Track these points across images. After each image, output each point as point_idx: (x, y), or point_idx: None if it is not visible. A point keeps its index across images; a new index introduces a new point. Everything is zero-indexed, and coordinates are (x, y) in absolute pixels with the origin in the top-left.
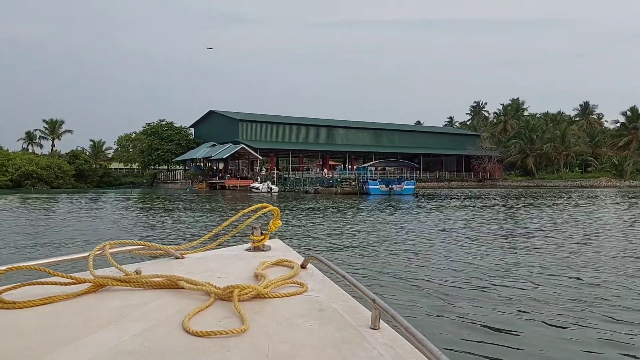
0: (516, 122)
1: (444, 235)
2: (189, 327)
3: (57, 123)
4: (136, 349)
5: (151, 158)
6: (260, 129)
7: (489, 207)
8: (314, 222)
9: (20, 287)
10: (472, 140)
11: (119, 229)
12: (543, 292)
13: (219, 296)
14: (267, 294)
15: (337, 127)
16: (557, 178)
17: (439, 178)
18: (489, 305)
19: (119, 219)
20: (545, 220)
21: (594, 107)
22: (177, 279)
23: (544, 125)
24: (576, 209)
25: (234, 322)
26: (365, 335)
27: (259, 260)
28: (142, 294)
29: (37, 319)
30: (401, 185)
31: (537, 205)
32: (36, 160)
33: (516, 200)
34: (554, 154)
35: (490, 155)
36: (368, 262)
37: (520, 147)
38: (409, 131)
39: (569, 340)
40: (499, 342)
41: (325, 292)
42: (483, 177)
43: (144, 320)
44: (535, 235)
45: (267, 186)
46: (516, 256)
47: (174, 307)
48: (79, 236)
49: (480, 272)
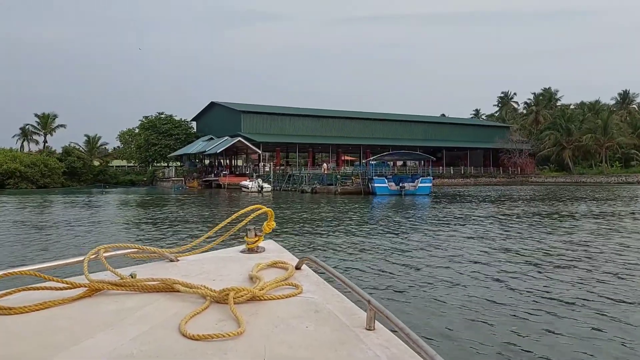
0: (549, 112)
1: (452, 274)
2: (185, 330)
3: (50, 117)
4: (134, 353)
5: (148, 154)
6: (264, 121)
7: (523, 218)
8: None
9: (16, 292)
10: (501, 132)
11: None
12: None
13: (214, 299)
14: (263, 296)
15: (351, 118)
16: (598, 173)
17: (464, 174)
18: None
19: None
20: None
21: (635, 96)
22: (173, 282)
23: (581, 115)
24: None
25: (231, 325)
26: (361, 336)
27: (254, 262)
28: (138, 298)
29: (33, 324)
30: (414, 183)
31: (585, 215)
32: (20, 157)
33: (556, 205)
34: (594, 147)
35: (521, 149)
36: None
37: (555, 139)
38: (431, 122)
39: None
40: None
41: (320, 293)
42: (513, 173)
43: (141, 324)
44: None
45: (257, 185)
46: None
47: (170, 311)
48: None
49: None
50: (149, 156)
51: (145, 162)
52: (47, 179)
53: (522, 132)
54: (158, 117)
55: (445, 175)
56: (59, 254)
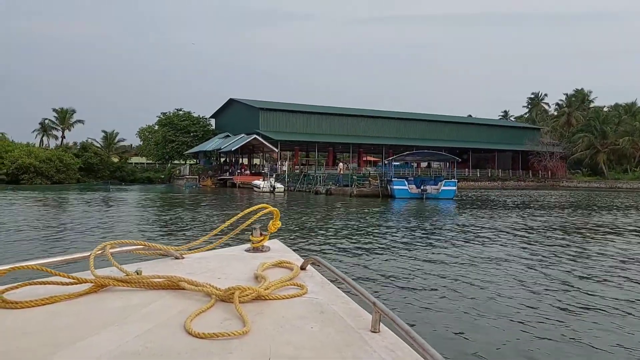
0: (582, 114)
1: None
2: (190, 328)
3: (68, 112)
4: (138, 350)
5: (165, 151)
6: (283, 119)
7: (558, 230)
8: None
9: (23, 286)
10: (531, 134)
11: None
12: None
13: (220, 297)
14: (268, 296)
15: (374, 117)
16: (634, 178)
17: (491, 176)
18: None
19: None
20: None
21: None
22: (178, 280)
23: (616, 117)
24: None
25: (235, 324)
26: (366, 338)
27: (259, 261)
28: (144, 295)
29: (39, 319)
30: (437, 186)
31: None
32: (36, 152)
33: (598, 215)
34: (631, 150)
35: (552, 152)
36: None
37: (589, 142)
38: (457, 123)
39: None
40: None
41: (325, 294)
42: (543, 177)
43: (146, 321)
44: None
45: (269, 184)
46: None
47: (175, 308)
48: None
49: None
50: (166, 153)
51: (163, 159)
52: (62, 175)
53: (553, 135)
54: (176, 113)
55: (471, 178)
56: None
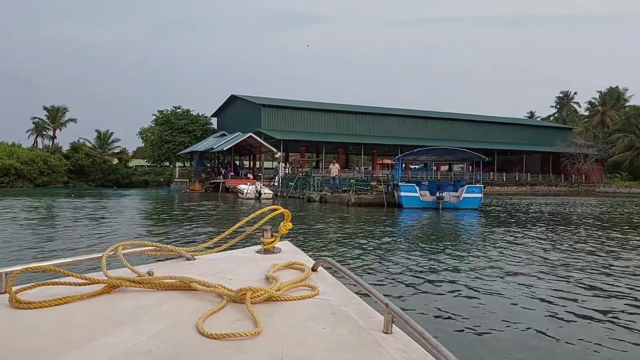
0: (617, 113)
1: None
2: (203, 329)
3: (60, 110)
4: (152, 350)
5: (161, 152)
6: (286, 117)
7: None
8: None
9: (36, 287)
10: (562, 134)
11: None
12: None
13: (231, 298)
14: (279, 297)
15: (388, 115)
16: None
17: (519, 181)
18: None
19: None
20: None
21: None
22: (190, 281)
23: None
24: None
25: (248, 325)
26: (379, 339)
27: (270, 263)
28: (156, 295)
29: (52, 319)
30: (458, 193)
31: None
32: (18, 152)
33: None
34: None
35: (587, 154)
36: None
37: (629, 143)
38: (481, 122)
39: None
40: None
41: (337, 295)
42: (576, 181)
43: (158, 322)
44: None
45: (254, 189)
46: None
47: (187, 309)
48: None
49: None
50: (162, 154)
51: (158, 160)
52: (47, 178)
53: (585, 135)
54: (174, 111)
55: (497, 182)
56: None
